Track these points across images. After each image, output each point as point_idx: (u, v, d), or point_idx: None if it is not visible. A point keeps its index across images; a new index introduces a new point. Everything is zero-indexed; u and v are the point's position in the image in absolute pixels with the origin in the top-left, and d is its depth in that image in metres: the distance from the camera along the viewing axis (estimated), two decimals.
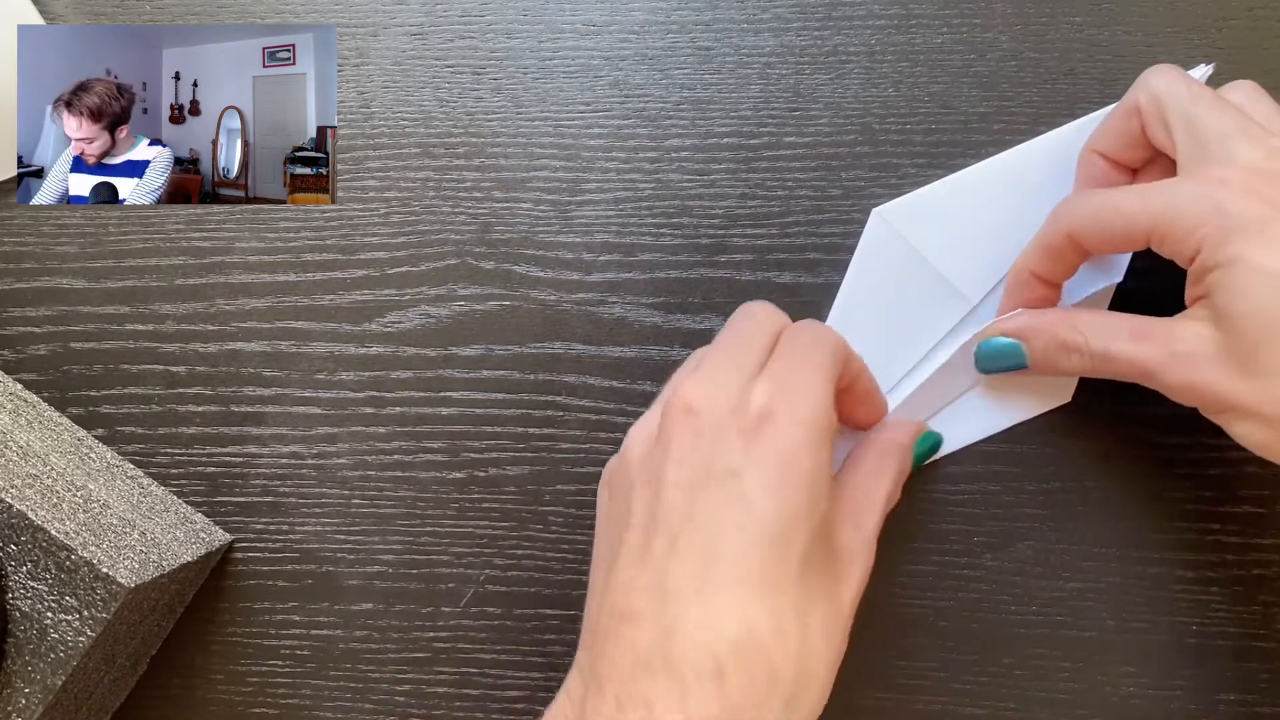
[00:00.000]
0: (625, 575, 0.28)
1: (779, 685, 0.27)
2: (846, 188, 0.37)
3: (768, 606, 0.27)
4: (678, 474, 0.29)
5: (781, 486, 0.28)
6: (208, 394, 0.38)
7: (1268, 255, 0.28)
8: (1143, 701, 0.36)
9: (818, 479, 0.28)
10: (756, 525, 0.27)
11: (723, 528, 0.27)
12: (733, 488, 0.28)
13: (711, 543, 0.27)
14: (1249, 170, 0.28)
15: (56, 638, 0.31)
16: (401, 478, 0.38)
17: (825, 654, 0.28)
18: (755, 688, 0.26)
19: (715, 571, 0.27)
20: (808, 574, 0.28)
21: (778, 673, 0.27)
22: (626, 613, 0.28)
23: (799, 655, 0.27)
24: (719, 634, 0.27)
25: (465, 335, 0.38)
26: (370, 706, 0.37)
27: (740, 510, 0.27)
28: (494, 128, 0.38)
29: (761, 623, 0.27)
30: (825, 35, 0.38)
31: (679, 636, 0.27)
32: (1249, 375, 0.28)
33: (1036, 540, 0.36)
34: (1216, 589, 0.36)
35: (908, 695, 0.36)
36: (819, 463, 0.28)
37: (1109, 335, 0.31)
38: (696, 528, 0.28)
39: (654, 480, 0.29)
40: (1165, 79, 0.31)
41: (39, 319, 0.39)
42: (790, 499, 0.27)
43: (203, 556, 0.36)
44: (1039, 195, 0.34)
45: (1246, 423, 0.29)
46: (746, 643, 0.26)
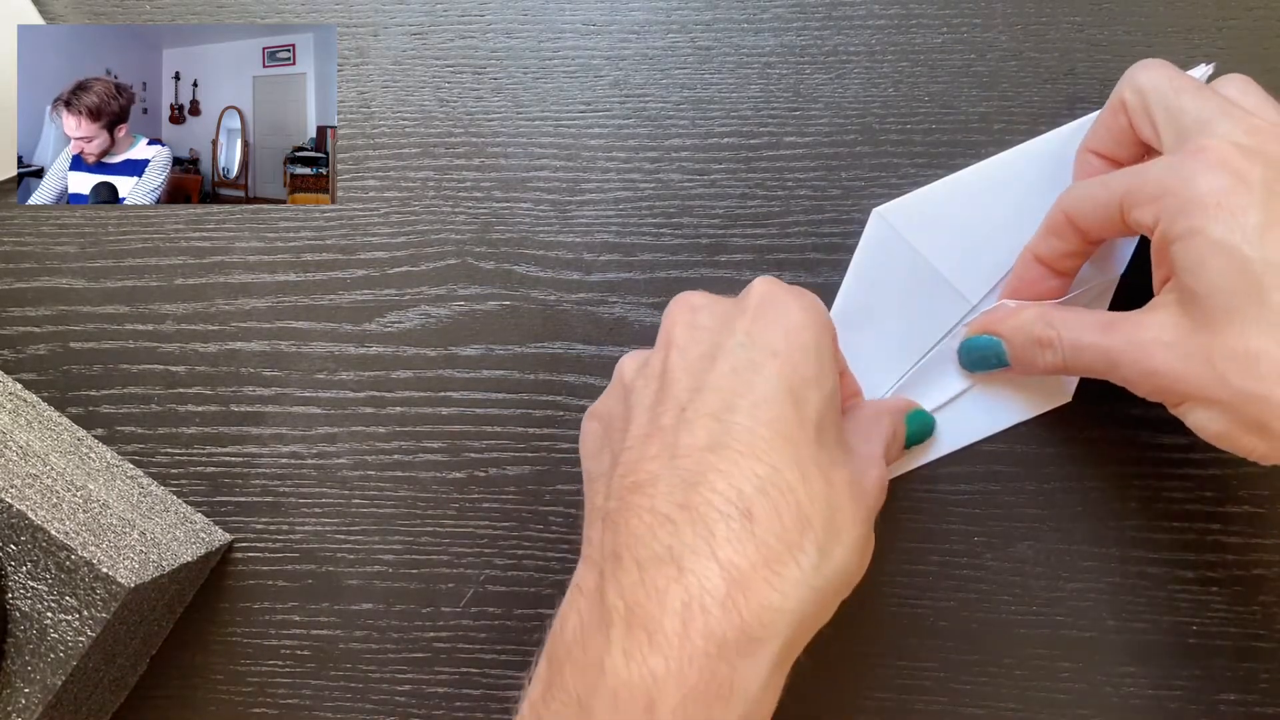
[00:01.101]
0: (633, 454, 0.27)
1: (810, 529, 0.25)
2: (846, 188, 0.37)
3: (789, 457, 0.26)
4: (681, 359, 0.28)
5: (790, 351, 0.27)
6: (208, 394, 0.38)
7: (1225, 228, 0.27)
8: (1143, 701, 0.36)
9: (823, 353, 0.28)
10: (767, 384, 0.27)
11: (734, 391, 0.27)
12: (740, 356, 0.27)
13: (723, 406, 0.26)
14: (1226, 143, 0.27)
15: (56, 638, 0.31)
16: (401, 478, 0.38)
17: (852, 510, 0.27)
18: (787, 530, 0.25)
19: (730, 429, 0.26)
20: (824, 440, 0.27)
21: (808, 516, 0.25)
22: (637, 484, 0.26)
23: (826, 502, 0.26)
24: (743, 475, 0.25)
25: (465, 335, 0.38)
26: (370, 706, 0.37)
27: (750, 374, 0.27)
28: (494, 128, 0.38)
29: (785, 468, 0.26)
30: (825, 35, 0.38)
31: (700, 487, 0.25)
32: (1205, 361, 0.27)
33: (1036, 540, 0.36)
34: (1216, 589, 0.36)
35: (908, 695, 0.36)
36: (822, 340, 0.28)
37: (1081, 328, 0.31)
38: (705, 397, 0.27)
39: (655, 375, 0.28)
40: (1149, 73, 0.31)
41: (39, 319, 0.39)
42: (799, 362, 0.27)
43: (203, 556, 0.36)
44: (1038, 195, 0.34)
45: (1202, 411, 0.28)
46: (772, 480, 0.25)
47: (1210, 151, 0.27)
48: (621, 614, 0.25)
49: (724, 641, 0.24)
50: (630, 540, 0.25)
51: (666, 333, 0.29)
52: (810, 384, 0.27)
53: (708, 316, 0.29)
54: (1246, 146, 0.27)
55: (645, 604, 0.24)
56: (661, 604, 0.24)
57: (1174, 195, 0.28)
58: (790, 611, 0.25)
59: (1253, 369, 0.26)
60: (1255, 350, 0.26)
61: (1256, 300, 0.26)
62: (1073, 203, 0.32)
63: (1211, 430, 0.28)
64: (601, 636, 0.25)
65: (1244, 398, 0.27)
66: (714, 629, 0.24)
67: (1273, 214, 0.26)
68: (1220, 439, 0.28)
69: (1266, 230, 0.26)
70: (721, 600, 0.24)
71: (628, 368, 0.30)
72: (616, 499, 0.27)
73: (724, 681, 0.24)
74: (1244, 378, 0.26)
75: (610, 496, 0.27)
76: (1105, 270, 0.35)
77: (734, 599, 0.24)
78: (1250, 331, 0.26)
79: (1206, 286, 0.27)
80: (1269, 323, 0.26)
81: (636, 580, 0.25)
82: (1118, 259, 0.35)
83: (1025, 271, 0.34)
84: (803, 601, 0.25)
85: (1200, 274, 0.27)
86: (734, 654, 0.24)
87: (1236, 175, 0.27)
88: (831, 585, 0.26)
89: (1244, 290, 0.26)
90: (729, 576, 0.24)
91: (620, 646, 0.24)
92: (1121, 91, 0.32)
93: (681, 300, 0.30)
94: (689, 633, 0.24)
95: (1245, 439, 0.27)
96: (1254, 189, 0.27)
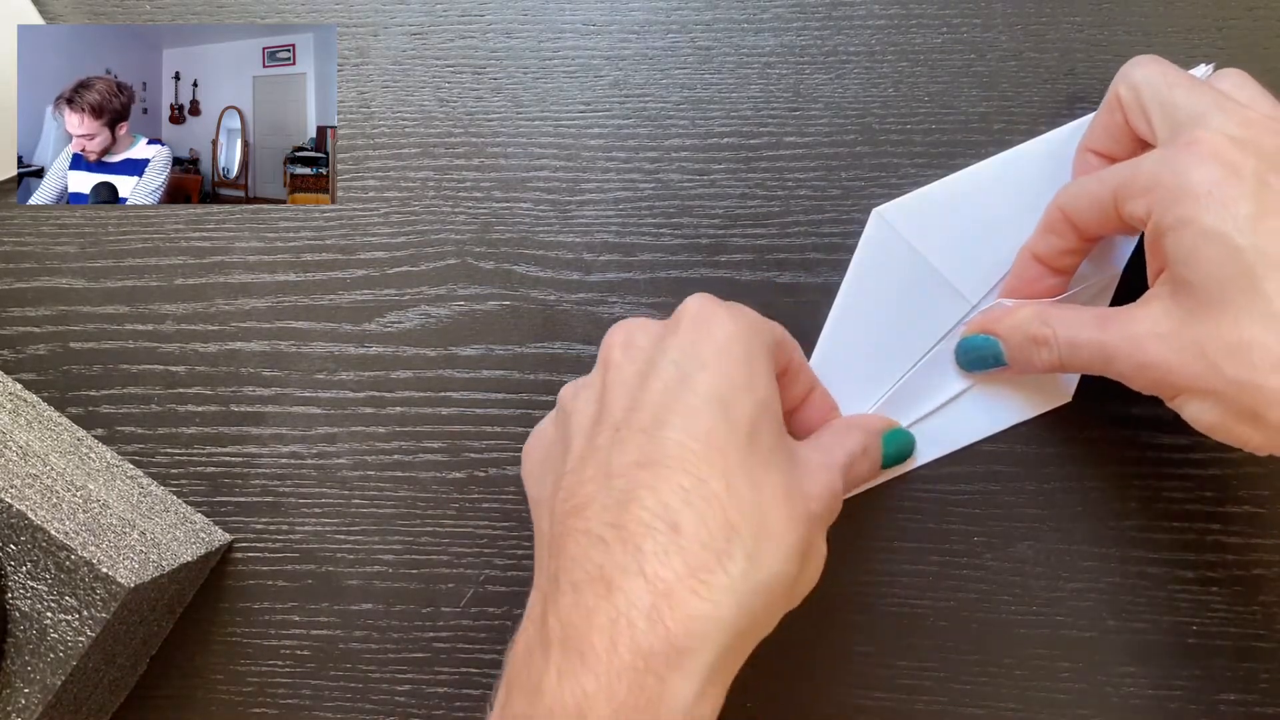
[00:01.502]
0: (572, 478, 0.27)
1: (739, 537, 0.25)
2: (846, 188, 0.37)
3: (717, 467, 0.26)
4: (617, 379, 0.28)
5: (719, 363, 0.27)
6: (208, 394, 0.38)
7: (1217, 217, 0.26)
8: (1143, 701, 0.36)
9: (755, 362, 0.28)
10: (696, 396, 0.27)
11: (665, 406, 0.27)
12: (671, 372, 0.27)
13: (654, 422, 0.27)
14: (1219, 135, 0.27)
15: (56, 638, 0.31)
16: (401, 478, 0.38)
17: (783, 513, 0.27)
18: (714, 538, 0.25)
19: (661, 444, 0.26)
20: (757, 447, 0.27)
21: (735, 525, 0.25)
22: (575, 507, 0.27)
23: (755, 509, 0.26)
24: (670, 489, 0.25)
25: (465, 335, 0.38)
26: (370, 706, 0.37)
27: (680, 388, 0.27)
28: (494, 128, 0.38)
29: (711, 478, 0.26)
30: (825, 35, 0.38)
31: (630, 505, 0.26)
32: (1198, 352, 0.27)
33: (1036, 540, 0.36)
34: (1216, 589, 0.36)
35: (908, 695, 0.36)
36: (753, 349, 0.28)
37: (1076, 325, 0.31)
38: (638, 415, 0.27)
39: (594, 398, 0.29)
40: (1143, 68, 0.31)
41: (39, 319, 0.39)
42: (729, 372, 0.27)
43: (203, 556, 0.36)
44: (1038, 195, 0.34)
45: (1196, 402, 0.28)
46: (697, 491, 0.25)
47: (1203, 143, 0.27)
48: (559, 637, 0.25)
49: (650, 654, 0.24)
50: (568, 564, 0.26)
51: (604, 356, 0.30)
52: (741, 392, 0.27)
53: (643, 336, 0.29)
54: (1239, 138, 0.27)
55: (578, 625, 0.25)
56: (591, 623, 0.25)
57: (1166, 187, 0.28)
58: (720, 619, 0.25)
59: (1245, 358, 0.26)
60: (1247, 339, 0.26)
61: (1249, 289, 0.26)
62: (1068, 199, 0.32)
63: (1206, 421, 0.28)
64: (542, 660, 0.25)
65: (1237, 387, 0.26)
66: (640, 643, 0.24)
67: (1264, 204, 0.26)
68: (1215, 430, 0.28)
69: (1258, 220, 0.26)
70: (647, 613, 0.24)
71: (567, 393, 0.31)
72: (558, 523, 0.27)
73: (653, 695, 0.24)
74: (1237, 367, 0.26)
75: (554, 522, 0.27)
76: (1104, 269, 0.35)
77: (659, 611, 0.24)
78: (1243, 320, 0.26)
79: (1199, 277, 0.27)
80: (1261, 312, 0.26)
81: (572, 603, 0.25)
82: (1117, 258, 0.35)
83: (1024, 270, 0.34)
84: (734, 609, 0.25)
85: (1192, 264, 0.27)
86: (662, 666, 0.24)
87: (1229, 166, 0.27)
88: (766, 592, 0.26)
89: (1236, 279, 0.26)
90: (655, 590, 0.24)
91: (556, 668, 0.25)
92: (1117, 88, 0.32)
93: (619, 325, 0.30)
94: (616, 648, 0.24)
95: (1239, 429, 0.27)
96: (1246, 180, 0.27)
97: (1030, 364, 0.33)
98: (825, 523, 0.29)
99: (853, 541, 0.36)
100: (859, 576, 0.36)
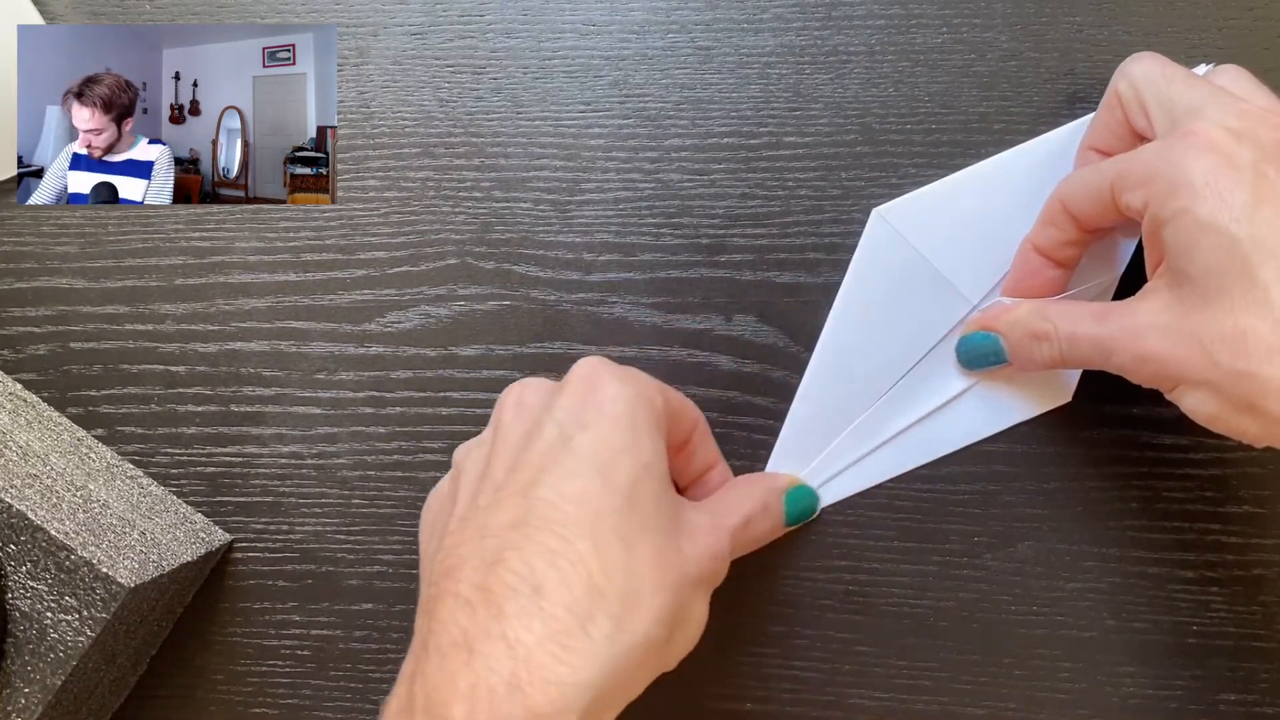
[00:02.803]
0: (452, 539, 0.27)
1: (604, 600, 0.25)
2: (846, 188, 0.37)
3: (586, 528, 0.26)
4: (504, 439, 0.28)
5: (600, 424, 0.27)
6: (208, 394, 0.38)
7: (1213, 208, 0.26)
8: (1143, 701, 0.36)
9: (639, 424, 0.28)
10: (574, 457, 0.27)
11: (542, 467, 0.27)
12: (553, 432, 0.27)
13: (531, 482, 0.26)
14: (1216, 127, 0.27)
15: (56, 638, 0.31)
16: (401, 478, 0.38)
17: (653, 576, 0.26)
18: (577, 602, 0.25)
19: (535, 505, 0.26)
20: (635, 509, 0.26)
21: (600, 588, 0.25)
22: (449, 568, 0.26)
23: (624, 572, 0.25)
24: (536, 551, 0.25)
25: (465, 335, 0.38)
26: (370, 707, 0.37)
27: (559, 449, 0.27)
28: (494, 128, 0.38)
29: (579, 539, 0.25)
30: (825, 35, 0.38)
31: (498, 567, 0.25)
32: (1195, 342, 0.27)
33: (1036, 540, 0.36)
34: (1216, 589, 0.36)
35: (908, 695, 0.36)
36: (638, 412, 0.28)
37: (1076, 319, 0.31)
38: (517, 475, 0.27)
39: (482, 457, 0.29)
40: (1141, 64, 0.31)
41: (39, 319, 0.39)
42: (610, 433, 0.27)
43: (203, 556, 0.36)
44: (1038, 195, 0.34)
45: (1194, 394, 0.28)
46: (563, 553, 0.25)
47: (1199, 135, 0.27)
48: (421, 704, 0.25)
49: None
50: (436, 627, 0.25)
51: (495, 416, 0.30)
52: (621, 454, 0.27)
53: (533, 395, 0.29)
54: (1236, 130, 0.27)
55: (440, 691, 0.24)
56: (454, 690, 0.24)
57: (1163, 178, 0.28)
58: (581, 684, 0.24)
59: (1241, 348, 0.26)
60: (1244, 328, 0.26)
61: (1245, 279, 0.26)
62: (1068, 190, 0.32)
63: (1204, 413, 0.28)
64: None
65: (1234, 377, 0.26)
66: (499, 711, 0.23)
67: (1261, 194, 0.26)
68: (1214, 421, 0.28)
69: (1255, 209, 0.26)
70: (507, 679, 0.24)
71: (460, 452, 0.31)
72: (433, 585, 0.27)
73: None
74: (1233, 357, 0.26)
75: (430, 583, 0.27)
76: (1104, 271, 0.35)
77: (519, 677, 0.24)
78: (1239, 310, 0.26)
79: (1196, 267, 0.27)
80: (1257, 301, 0.26)
81: (437, 667, 0.25)
82: (1118, 257, 0.35)
83: (1025, 261, 0.34)
84: (595, 673, 0.24)
85: (1189, 255, 0.27)
86: None
87: (1225, 157, 0.27)
88: (632, 656, 0.25)
89: (1232, 269, 0.26)
90: (515, 655, 0.24)
91: None
92: (1116, 85, 0.32)
93: (514, 384, 0.30)
94: (475, 717, 0.24)
95: (1237, 420, 0.27)
96: (1242, 170, 0.27)
97: (1031, 359, 0.33)
98: (705, 585, 0.29)
99: (853, 542, 0.36)
100: (859, 576, 0.36)
